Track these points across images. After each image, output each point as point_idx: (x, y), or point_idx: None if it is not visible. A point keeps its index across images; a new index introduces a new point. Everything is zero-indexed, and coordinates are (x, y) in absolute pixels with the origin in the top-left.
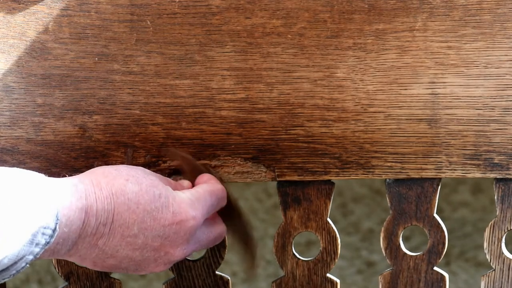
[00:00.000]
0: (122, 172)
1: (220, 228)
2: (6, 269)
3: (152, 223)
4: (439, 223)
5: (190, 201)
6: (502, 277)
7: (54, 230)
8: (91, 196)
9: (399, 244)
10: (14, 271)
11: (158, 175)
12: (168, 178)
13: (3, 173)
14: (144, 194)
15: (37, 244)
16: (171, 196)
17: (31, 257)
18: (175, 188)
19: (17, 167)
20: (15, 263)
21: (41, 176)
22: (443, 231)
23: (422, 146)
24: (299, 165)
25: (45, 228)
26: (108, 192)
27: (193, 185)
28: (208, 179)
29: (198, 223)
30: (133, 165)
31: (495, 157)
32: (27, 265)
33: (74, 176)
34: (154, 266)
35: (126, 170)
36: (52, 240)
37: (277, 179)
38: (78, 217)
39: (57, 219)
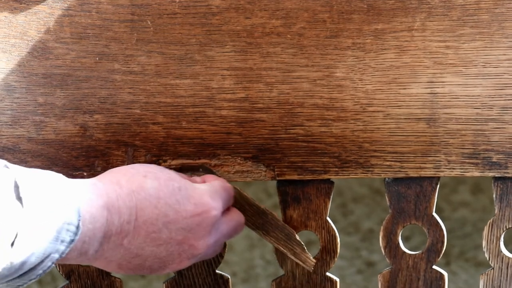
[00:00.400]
0: (140, 169)
1: (237, 216)
2: (33, 268)
3: (175, 216)
4: (438, 222)
5: (210, 192)
6: (501, 276)
7: (77, 227)
8: (112, 194)
9: (398, 243)
10: (40, 271)
11: (172, 170)
12: (181, 174)
13: (23, 173)
14: (164, 188)
15: (62, 241)
16: (191, 188)
17: (57, 255)
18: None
19: (19, 165)
20: (42, 261)
21: (60, 175)
22: (442, 229)
23: (421, 145)
24: (299, 164)
25: (68, 224)
26: (128, 189)
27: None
28: (217, 178)
29: (218, 214)
30: (134, 164)
31: (493, 156)
32: (53, 264)
33: (98, 176)
34: (178, 262)
35: (143, 167)
36: (77, 237)
37: (277, 178)
38: (101, 215)
39: (79, 215)
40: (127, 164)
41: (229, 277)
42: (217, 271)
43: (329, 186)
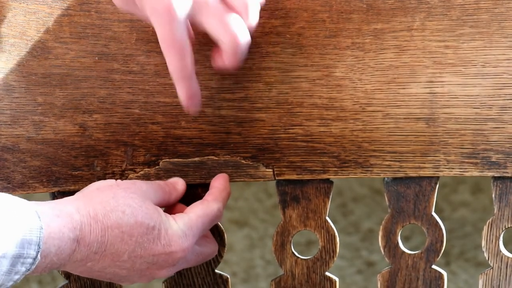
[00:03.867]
0: (119, 201)
1: (211, 248)
2: None
3: (142, 252)
4: (437, 222)
5: (182, 232)
6: (500, 275)
7: (35, 259)
8: (86, 229)
9: (398, 243)
10: None
11: (154, 187)
12: (162, 186)
13: None
14: (138, 227)
15: (16, 273)
16: (164, 228)
17: (10, 283)
18: (169, 195)
19: (18, 165)
20: None
21: (30, 204)
22: (441, 229)
23: (420, 145)
24: (298, 164)
25: (25, 258)
26: (103, 225)
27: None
28: (200, 203)
29: (187, 254)
30: (133, 163)
31: (492, 155)
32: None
33: (73, 200)
34: (137, 279)
35: (123, 198)
36: (33, 267)
37: (276, 178)
38: (69, 247)
39: (39, 247)
40: (126, 164)
41: (228, 276)
42: (216, 270)
43: (328, 186)
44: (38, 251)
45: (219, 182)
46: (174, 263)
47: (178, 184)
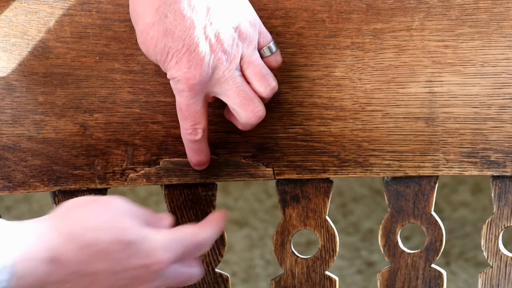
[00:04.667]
0: (96, 219)
1: (194, 270)
2: None
3: (120, 268)
4: (436, 221)
5: (162, 244)
6: (499, 274)
7: (9, 282)
8: (62, 248)
9: (397, 242)
10: None
11: (139, 210)
12: (148, 213)
13: None
14: (115, 244)
15: None
16: (143, 242)
17: None
18: (153, 224)
19: (19, 164)
20: None
21: (3, 225)
22: (440, 228)
23: (420, 144)
24: (298, 163)
25: None
26: (82, 243)
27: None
28: (190, 226)
29: (164, 266)
30: (133, 163)
31: (491, 154)
32: None
33: (48, 219)
34: None
35: (100, 215)
36: None
37: (276, 177)
38: (44, 269)
39: (12, 270)
40: (126, 164)
41: (228, 276)
42: (216, 270)
43: (328, 185)
44: (11, 275)
45: (213, 217)
46: (152, 276)
47: (163, 221)
